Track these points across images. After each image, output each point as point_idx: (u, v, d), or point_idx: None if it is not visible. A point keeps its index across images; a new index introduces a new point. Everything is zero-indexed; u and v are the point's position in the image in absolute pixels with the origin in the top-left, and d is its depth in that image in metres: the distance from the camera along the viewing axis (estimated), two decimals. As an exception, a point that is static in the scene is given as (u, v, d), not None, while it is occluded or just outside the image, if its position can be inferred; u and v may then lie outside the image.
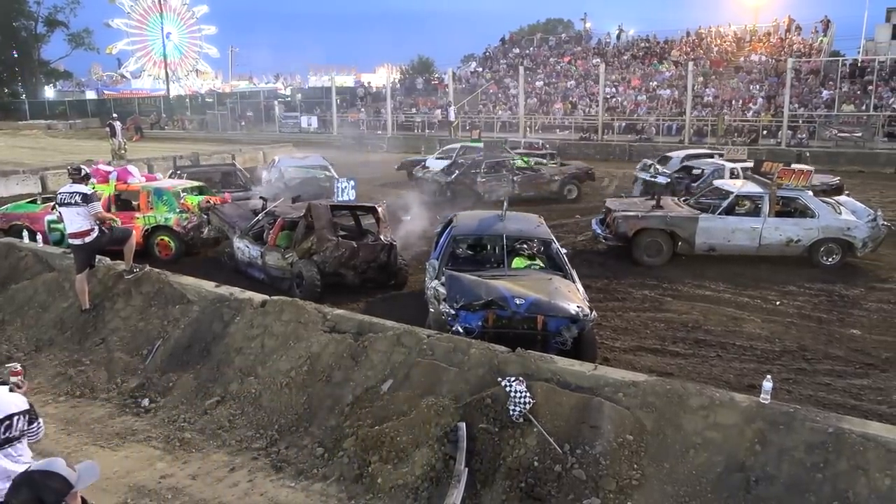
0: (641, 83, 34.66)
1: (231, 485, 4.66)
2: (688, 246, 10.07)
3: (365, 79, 60.88)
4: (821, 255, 9.90)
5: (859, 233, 9.73)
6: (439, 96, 38.95)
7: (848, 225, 9.82)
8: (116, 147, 25.34)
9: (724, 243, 10.05)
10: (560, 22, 62.88)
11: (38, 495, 2.04)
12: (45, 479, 2.07)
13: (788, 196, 10.12)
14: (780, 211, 10.12)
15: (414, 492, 4.39)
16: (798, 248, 9.91)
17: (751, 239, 9.94)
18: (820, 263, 9.85)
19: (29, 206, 11.45)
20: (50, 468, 2.10)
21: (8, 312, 7.67)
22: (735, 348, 6.97)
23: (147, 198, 10.57)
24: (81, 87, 68.10)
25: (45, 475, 2.08)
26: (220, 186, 13.21)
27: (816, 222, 9.85)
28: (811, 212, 9.93)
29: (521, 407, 4.55)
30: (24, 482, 2.06)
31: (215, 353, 6.23)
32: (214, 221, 10.96)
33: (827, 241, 9.84)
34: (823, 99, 28.15)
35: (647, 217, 10.26)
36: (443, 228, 8.54)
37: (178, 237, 10.48)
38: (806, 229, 9.85)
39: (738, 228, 9.98)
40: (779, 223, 9.93)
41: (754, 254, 10.01)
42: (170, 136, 37.54)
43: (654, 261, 10.13)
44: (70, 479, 2.11)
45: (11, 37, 56.45)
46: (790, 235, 9.89)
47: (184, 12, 61.76)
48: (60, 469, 2.11)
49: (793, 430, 4.18)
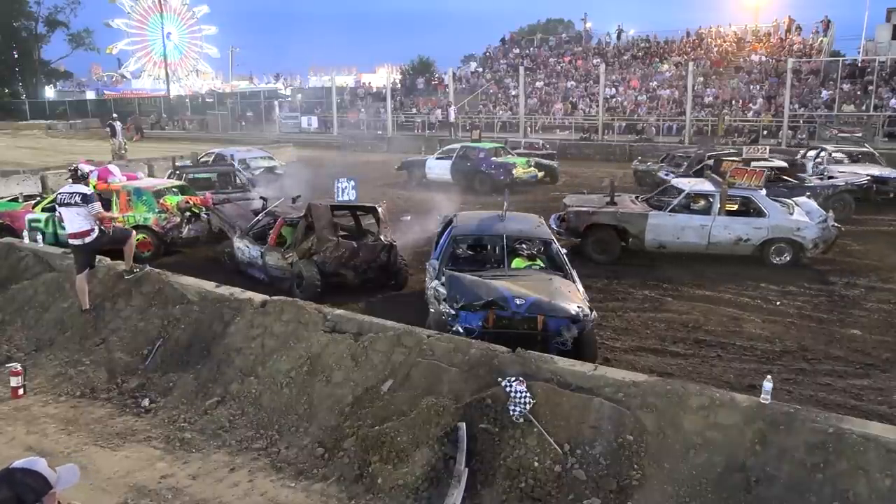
0: (641, 83, 34.66)
1: (231, 485, 4.66)
2: (638, 242, 10.14)
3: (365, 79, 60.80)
4: (771, 254, 9.94)
5: (809, 233, 9.74)
6: (439, 96, 38.93)
7: (798, 225, 9.85)
8: (116, 147, 25.33)
9: (674, 240, 10.14)
10: (560, 22, 62.81)
11: (17, 493, 2.03)
12: (26, 477, 2.06)
13: (739, 195, 10.18)
14: (734, 210, 10.20)
15: (414, 492, 4.39)
16: (748, 246, 9.96)
17: (700, 237, 10.01)
18: (770, 263, 9.90)
19: (10, 204, 11.62)
20: (32, 467, 2.10)
21: (8, 312, 7.67)
22: (735, 348, 6.97)
23: (126, 197, 10.63)
24: (82, 87, 68.15)
25: (26, 473, 2.07)
26: (219, 187, 13.24)
27: (766, 221, 9.90)
28: (761, 211, 9.99)
29: (521, 407, 4.55)
30: (4, 479, 2.05)
31: (215, 353, 6.22)
32: (215, 221, 10.97)
33: (777, 240, 9.89)
34: (823, 99, 28.16)
35: (599, 213, 10.38)
36: (443, 228, 8.54)
37: (158, 237, 10.58)
38: (755, 228, 9.91)
39: (688, 226, 10.06)
40: (728, 222, 10.00)
41: (704, 252, 10.07)
42: (170, 136, 37.52)
43: (603, 258, 10.21)
44: (50, 479, 2.11)
45: (12, 37, 56.39)
46: (739, 234, 9.94)
47: (184, 12, 61.76)
48: (42, 469, 2.11)
49: (793, 430, 4.18)
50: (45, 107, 52.35)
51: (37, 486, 2.06)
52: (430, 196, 15.33)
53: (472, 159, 18.03)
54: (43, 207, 10.99)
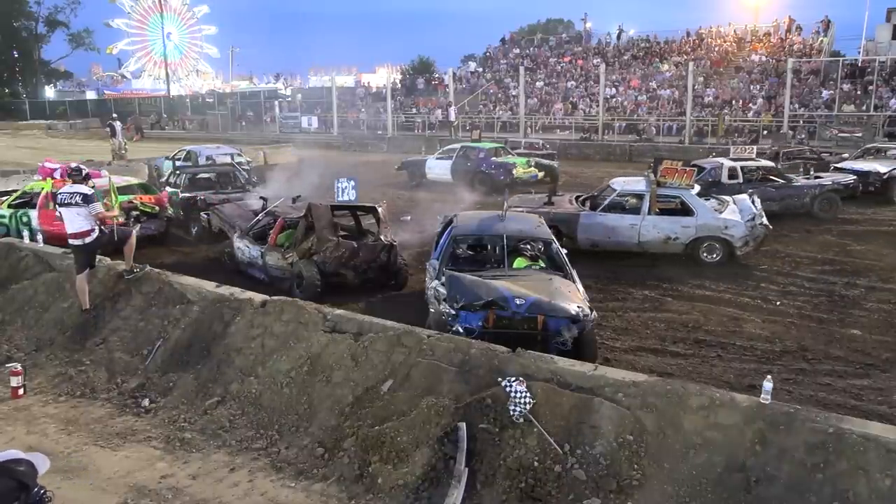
0: (642, 83, 34.68)
1: (231, 485, 4.66)
2: (571, 241, 10.16)
3: (365, 79, 60.85)
4: (702, 252, 10.02)
5: (737, 231, 9.79)
6: (440, 96, 38.96)
7: (726, 224, 9.90)
8: (116, 147, 25.31)
9: (605, 239, 10.26)
10: (560, 22, 62.77)
11: (19, 479, 2.05)
12: (17, 465, 2.09)
13: (669, 194, 10.28)
14: (665, 209, 10.30)
15: (414, 492, 4.39)
16: (677, 245, 10.05)
17: (630, 236, 10.11)
18: (702, 261, 9.97)
19: None
20: (16, 456, 2.12)
21: (8, 312, 7.67)
22: (735, 348, 6.97)
23: None
24: (82, 87, 68.16)
25: (17, 462, 2.10)
26: (219, 187, 13.29)
27: (694, 220, 9.98)
28: (690, 210, 10.07)
29: (521, 407, 4.55)
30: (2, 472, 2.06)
31: (215, 353, 6.23)
32: (214, 221, 10.97)
33: (706, 238, 9.96)
34: (824, 99, 28.16)
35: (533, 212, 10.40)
36: (443, 228, 8.54)
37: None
38: (683, 227, 10.00)
39: (618, 225, 10.17)
40: (657, 221, 10.10)
41: (637, 250, 10.14)
42: (170, 136, 37.48)
43: None
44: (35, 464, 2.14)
45: (12, 37, 56.37)
46: (668, 233, 10.04)
47: (184, 12, 61.79)
48: (25, 455, 2.14)
49: (793, 430, 4.18)
50: (45, 107, 52.37)
51: (30, 471, 2.10)
52: (430, 196, 15.36)
53: (472, 159, 18.02)
54: (9, 204, 10.99)
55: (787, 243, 11.22)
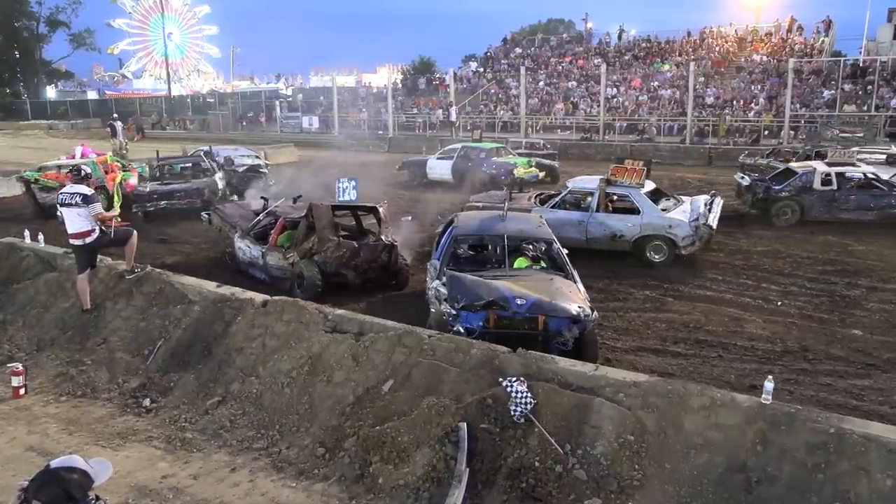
0: (642, 83, 34.65)
1: (232, 485, 4.67)
2: None
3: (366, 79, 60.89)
4: (648, 251, 10.08)
5: (680, 231, 9.85)
6: (440, 96, 38.95)
7: (670, 223, 9.96)
8: (117, 147, 25.34)
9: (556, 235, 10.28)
10: (561, 22, 62.77)
11: (66, 489, 2.06)
12: (70, 473, 2.10)
13: (617, 193, 10.41)
14: (618, 208, 10.47)
15: (415, 492, 4.39)
16: (624, 242, 10.19)
17: (578, 232, 10.22)
18: (648, 260, 10.05)
19: None
20: (72, 464, 2.13)
21: (9, 312, 7.68)
22: (736, 349, 6.96)
23: None
24: (83, 87, 68.09)
25: (69, 470, 2.11)
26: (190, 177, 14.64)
27: (638, 219, 10.08)
28: (636, 209, 10.16)
29: (522, 407, 4.55)
30: (49, 478, 2.08)
31: (216, 353, 6.23)
32: (215, 221, 10.97)
33: (651, 237, 10.05)
34: (825, 99, 28.13)
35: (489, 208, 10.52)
36: (444, 229, 8.54)
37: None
38: (628, 225, 10.12)
39: (567, 222, 10.25)
40: (604, 218, 10.27)
41: (585, 247, 10.16)
42: (171, 136, 37.49)
43: None
44: (91, 473, 2.14)
45: (13, 37, 56.35)
46: (614, 230, 10.19)
47: (185, 12, 61.83)
48: (82, 465, 2.15)
49: (794, 430, 4.18)
50: (46, 107, 52.40)
51: (82, 481, 2.11)
52: (431, 196, 15.36)
53: (473, 159, 18.01)
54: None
55: (789, 243, 11.22)
